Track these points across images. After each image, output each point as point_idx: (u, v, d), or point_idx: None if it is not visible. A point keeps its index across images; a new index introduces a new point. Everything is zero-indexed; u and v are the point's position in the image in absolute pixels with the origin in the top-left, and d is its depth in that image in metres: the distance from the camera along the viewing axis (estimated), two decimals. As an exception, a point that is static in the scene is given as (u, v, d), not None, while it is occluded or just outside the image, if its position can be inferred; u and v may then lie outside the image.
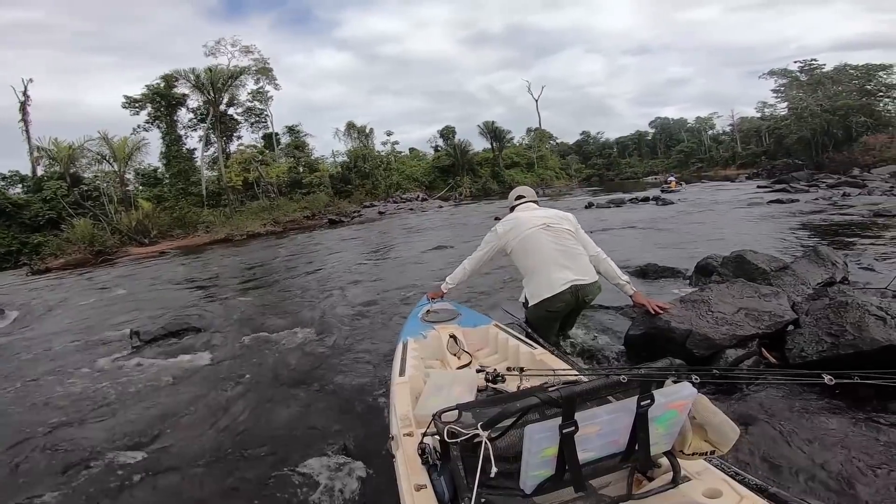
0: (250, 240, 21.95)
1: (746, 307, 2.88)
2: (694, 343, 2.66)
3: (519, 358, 2.44)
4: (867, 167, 25.46)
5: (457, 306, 3.32)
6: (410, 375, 2.22)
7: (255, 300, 7.15)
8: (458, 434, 1.27)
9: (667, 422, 1.25)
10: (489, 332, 2.88)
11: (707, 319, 2.79)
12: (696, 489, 1.30)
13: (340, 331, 4.73)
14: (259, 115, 38.32)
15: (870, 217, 9.13)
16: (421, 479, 1.41)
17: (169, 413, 3.27)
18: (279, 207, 29.34)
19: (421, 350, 2.64)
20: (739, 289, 3.12)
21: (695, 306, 2.90)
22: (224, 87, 33.23)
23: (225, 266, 12.93)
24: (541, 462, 1.17)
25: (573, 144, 65.97)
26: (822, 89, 35.27)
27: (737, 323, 2.77)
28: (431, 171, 43.01)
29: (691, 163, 54.26)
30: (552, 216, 3.12)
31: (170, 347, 4.85)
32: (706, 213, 12.74)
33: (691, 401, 1.25)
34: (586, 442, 1.19)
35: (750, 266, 3.92)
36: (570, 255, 2.96)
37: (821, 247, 4.46)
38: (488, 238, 3.23)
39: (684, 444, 1.29)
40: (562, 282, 2.87)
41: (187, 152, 34.50)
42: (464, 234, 13.49)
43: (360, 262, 9.95)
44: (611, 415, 1.20)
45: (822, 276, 4.04)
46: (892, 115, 33.62)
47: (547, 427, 1.14)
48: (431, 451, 1.42)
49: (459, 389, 1.98)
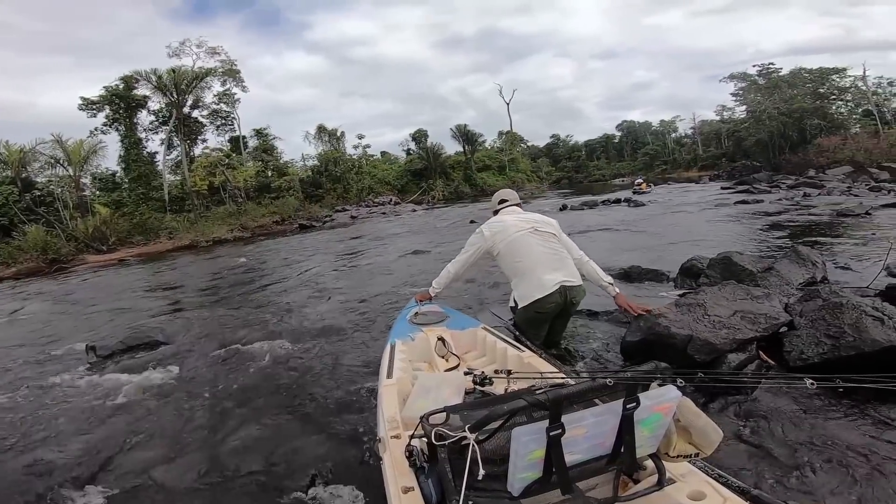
0: (216, 246, 21.17)
1: (742, 310, 2.82)
2: (695, 348, 2.57)
3: (506, 360, 2.44)
4: (822, 168, 26.62)
5: (445, 309, 3.31)
6: (398, 377, 2.22)
7: (224, 310, 6.75)
8: (446, 436, 1.28)
9: (652, 424, 1.27)
10: (477, 334, 2.88)
11: (704, 323, 2.70)
12: (681, 491, 1.32)
13: (318, 341, 4.47)
14: (225, 117, 37.18)
15: (834, 217, 9.44)
16: (408, 481, 1.41)
17: (129, 438, 2.97)
18: (247, 212, 28.47)
19: (409, 352, 2.63)
20: (731, 291, 3.06)
21: (690, 310, 2.82)
22: (188, 88, 32.10)
23: (190, 274, 12.35)
24: (528, 464, 1.18)
25: (543, 147, 66.93)
26: (778, 92, 36.75)
27: (734, 326, 2.69)
28: (404, 175, 42.71)
29: (656, 165, 55.70)
30: (538, 220, 3.16)
31: (130, 363, 4.48)
32: (678, 215, 12.98)
33: (676, 403, 1.26)
34: (573, 444, 1.20)
35: (737, 267, 3.90)
36: (558, 257, 3.01)
37: (800, 247, 4.50)
38: (473, 240, 3.21)
39: (669, 447, 1.31)
40: (552, 283, 2.89)
41: (148, 156, 33.14)
42: (441, 237, 13.27)
43: (335, 269, 9.61)
44: (597, 417, 1.22)
45: (804, 276, 4.06)
46: (843, 118, 35.31)
47: (534, 429, 1.14)
48: (419, 454, 1.42)
49: (447, 392, 1.99)
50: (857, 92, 35.66)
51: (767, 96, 37.09)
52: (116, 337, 5.22)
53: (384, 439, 1.69)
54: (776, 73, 38.90)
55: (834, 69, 35.86)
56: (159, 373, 4.08)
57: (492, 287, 5.81)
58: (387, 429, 1.76)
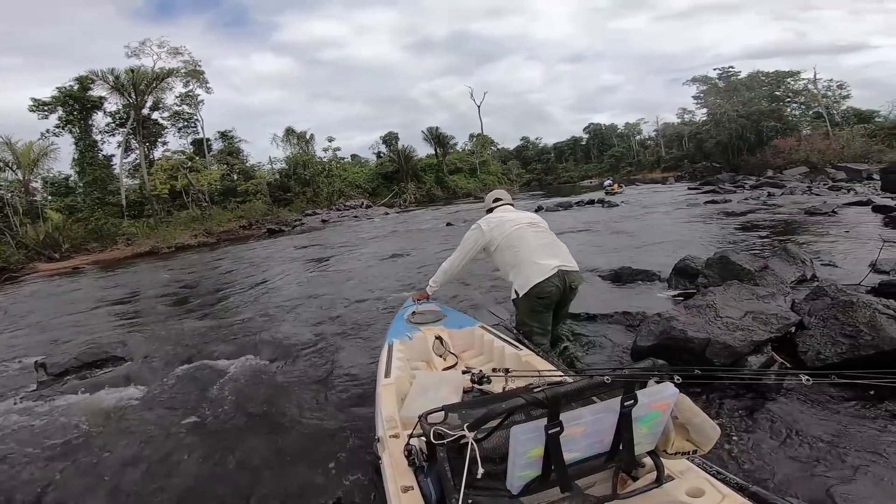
0: (179, 252, 20.25)
1: (752, 310, 2.71)
2: (714, 352, 2.44)
3: (504, 359, 2.44)
4: (779, 168, 27.73)
5: (442, 307, 3.32)
6: (396, 377, 2.21)
7: (191, 322, 6.28)
8: (445, 435, 1.27)
9: (650, 422, 1.27)
10: (475, 333, 2.88)
11: (718, 326, 2.58)
12: (680, 488, 1.31)
13: (296, 355, 4.14)
14: (188, 119, 35.99)
15: (803, 215, 9.70)
16: (407, 480, 1.41)
17: (82, 467, 2.62)
18: (212, 217, 27.49)
19: (406, 351, 2.63)
20: (737, 291, 2.96)
21: (701, 312, 2.69)
22: (148, 89, 30.74)
23: (151, 282, 11.64)
24: (527, 462, 1.17)
25: (513, 150, 67.41)
26: (737, 95, 38.15)
27: (748, 328, 2.57)
28: (375, 178, 42.15)
29: (622, 167, 56.85)
30: (533, 217, 3.23)
31: (85, 382, 4.05)
32: (653, 215, 13.14)
33: (673, 401, 1.26)
34: (572, 442, 1.20)
35: (735, 267, 3.83)
36: (554, 245, 3.08)
37: (789, 245, 4.49)
38: (471, 235, 3.22)
39: (667, 444, 1.30)
40: (550, 267, 2.90)
41: (104, 159, 31.48)
42: (418, 240, 12.99)
43: (310, 275, 9.17)
44: (595, 415, 1.21)
45: (795, 274, 4.03)
46: (797, 120, 36.89)
47: (533, 428, 1.14)
48: (418, 453, 1.42)
49: (445, 391, 1.97)
50: (809, 95, 37.39)
51: (727, 99, 38.46)
52: (70, 352, 4.75)
53: (383, 439, 1.68)
54: (735, 76, 40.44)
55: (789, 72, 37.61)
56: (118, 393, 3.68)
57: (489, 287, 5.71)
58: (385, 428, 1.74)
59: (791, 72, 37.57)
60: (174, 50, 31.74)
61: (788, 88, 37.60)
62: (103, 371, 4.29)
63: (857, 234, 7.15)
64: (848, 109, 37.96)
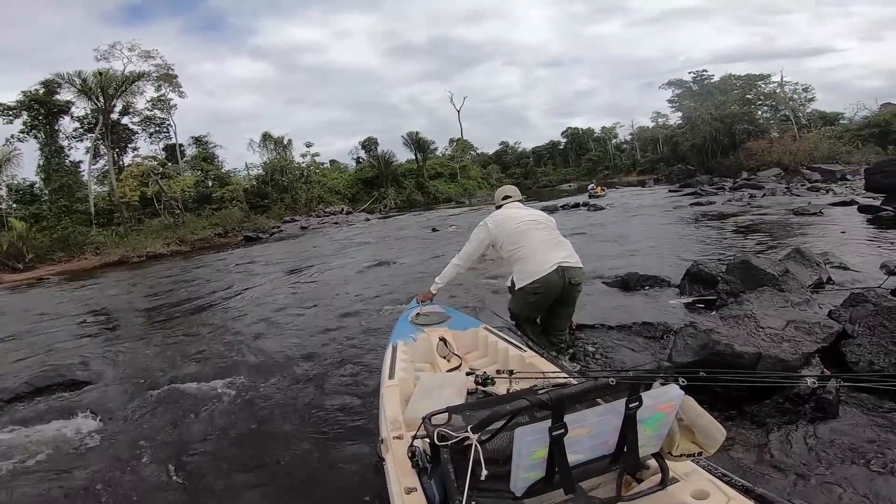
0: (151, 262, 19.47)
1: (793, 319, 2.49)
2: (766, 367, 2.20)
3: (508, 361, 2.42)
4: (753, 170, 28.26)
5: (446, 309, 3.33)
6: (400, 378, 2.21)
7: (162, 339, 5.74)
8: (448, 437, 1.26)
9: (655, 423, 1.25)
10: (479, 334, 2.88)
11: (762, 337, 2.34)
12: (685, 490, 1.30)
13: (281, 377, 3.75)
14: (160, 124, 35.14)
15: (792, 216, 9.69)
16: (411, 482, 1.40)
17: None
18: (185, 225, 26.60)
19: (410, 353, 2.64)
20: (770, 298, 2.75)
21: (740, 322, 2.45)
22: (116, 92, 29.70)
23: (119, 295, 11.00)
24: (531, 464, 1.17)
25: (493, 154, 67.44)
26: (711, 98, 38.91)
27: (793, 338, 2.34)
28: (355, 184, 41.58)
29: (599, 170, 57.43)
30: (539, 215, 3.31)
31: (39, 410, 3.60)
32: (642, 218, 13.02)
33: (678, 402, 1.25)
34: (576, 444, 1.19)
35: (758, 272, 3.60)
36: (557, 241, 3.17)
37: (802, 248, 4.32)
38: (478, 232, 3.30)
39: (672, 446, 1.29)
40: (550, 263, 2.99)
41: (71, 165, 30.45)
42: (402, 248, 12.52)
43: (291, 286, 8.63)
44: (600, 417, 1.21)
45: (812, 278, 3.85)
46: (769, 122, 37.78)
47: (537, 429, 1.13)
48: (421, 454, 1.40)
49: (449, 392, 1.97)
50: (777, 98, 38.43)
51: (701, 102, 39.19)
52: (22, 376, 4.28)
53: (386, 440, 1.68)
54: (709, 79, 41.31)
55: (759, 75, 38.61)
56: (75, 423, 3.25)
57: (492, 289, 5.54)
58: (389, 429, 1.75)
59: (762, 75, 38.68)
60: (146, 53, 31.11)
61: (759, 91, 38.58)
62: (60, 397, 3.85)
63: (853, 234, 7.12)
64: (813, 112, 39.25)
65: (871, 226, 7.98)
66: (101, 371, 4.36)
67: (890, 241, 6.30)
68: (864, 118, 35.89)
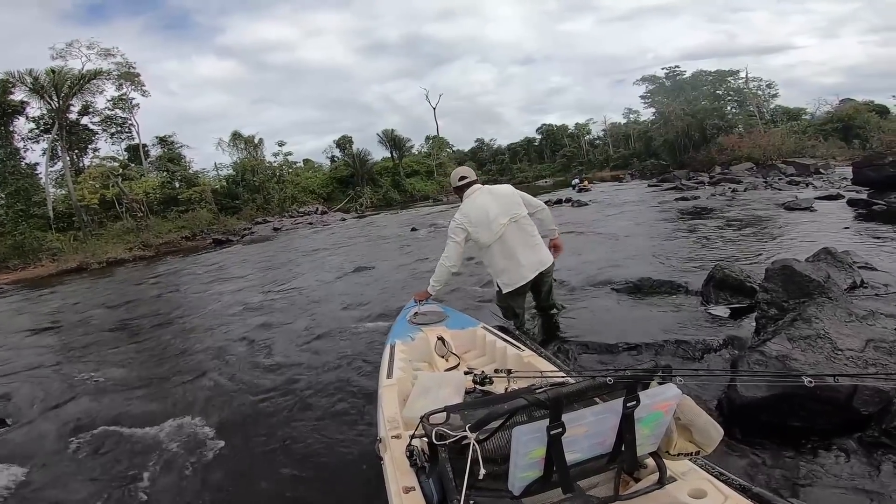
0: (112, 268, 18.36)
1: (871, 338, 2.10)
2: (863, 400, 1.78)
3: (506, 360, 2.43)
4: (725, 164, 28.63)
5: (444, 308, 3.36)
6: (398, 378, 2.22)
7: (111, 363, 4.91)
8: (447, 436, 1.28)
9: (652, 423, 1.25)
10: (476, 334, 2.88)
11: (843, 363, 1.89)
12: (682, 489, 1.29)
13: (251, 418, 3.17)
14: (122, 124, 33.67)
15: (782, 211, 9.50)
16: (409, 481, 1.40)
17: None
18: (149, 228, 25.35)
19: (408, 352, 2.65)
20: (833, 312, 2.32)
21: (814, 345, 2.04)
22: (72, 91, 28.12)
23: (71, 306, 10.07)
24: (529, 463, 1.16)
25: (468, 151, 67.17)
26: (683, 94, 39.40)
27: (878, 362, 1.98)
28: (329, 183, 40.61)
29: (573, 166, 57.65)
30: (509, 205, 3.34)
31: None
32: (629, 214, 12.69)
33: (676, 402, 1.24)
34: (574, 443, 1.18)
35: (801, 278, 3.19)
36: (533, 244, 3.38)
37: (831, 248, 3.96)
38: (459, 235, 3.34)
39: (670, 445, 1.28)
40: (530, 270, 3.32)
41: (28, 167, 28.81)
42: (382, 250, 11.74)
43: (263, 295, 7.76)
44: (597, 416, 1.20)
45: (846, 281, 3.50)
46: (738, 118, 38.43)
47: (534, 429, 1.13)
48: (419, 454, 1.41)
49: (447, 391, 1.96)
50: (743, 94, 39.21)
51: (674, 98, 39.63)
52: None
53: (385, 439, 1.67)
54: (681, 75, 41.86)
55: (729, 71, 39.29)
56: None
57: (490, 289, 5.05)
58: (387, 429, 1.74)
59: (731, 71, 39.37)
60: (105, 51, 29.91)
61: (729, 87, 39.29)
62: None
63: (857, 230, 6.90)
64: (777, 108, 40.21)
65: (869, 221, 7.74)
66: (25, 406, 3.72)
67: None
68: (827, 113, 36.94)
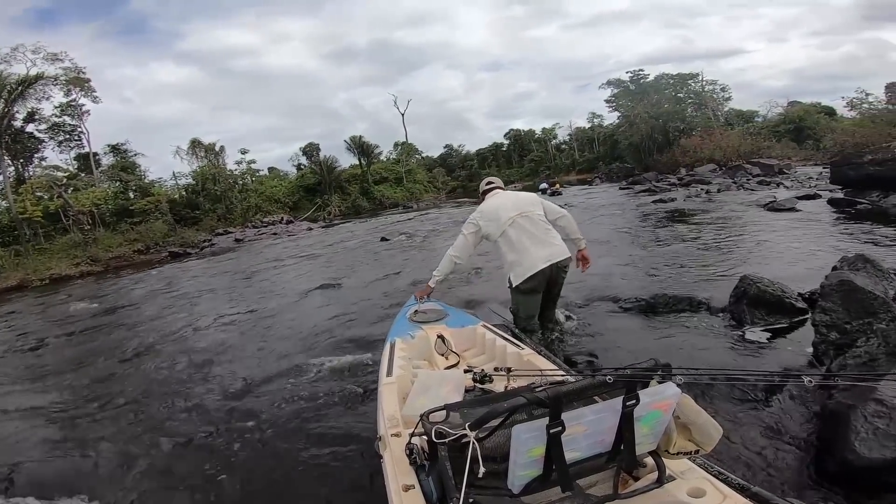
0: (56, 285, 16.96)
1: None
2: None
3: (506, 358, 2.43)
4: (689, 166, 29.24)
5: (444, 306, 3.36)
6: (398, 376, 2.22)
7: (42, 405, 4.14)
8: (446, 434, 1.27)
9: (651, 421, 1.25)
10: (476, 332, 2.87)
11: None
12: (681, 488, 1.30)
13: (210, 466, 2.62)
14: (70, 132, 31.72)
15: (765, 212, 9.33)
16: (409, 479, 1.41)
17: None
18: (97, 241, 23.78)
19: (408, 350, 2.64)
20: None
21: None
22: (11, 96, 26.20)
23: (7, 331, 8.94)
24: (528, 462, 1.17)
25: (437, 157, 66.92)
26: (647, 97, 40.26)
27: None
28: (296, 191, 39.46)
29: (540, 171, 58.26)
30: (524, 204, 3.45)
31: None
32: (609, 218, 12.33)
33: (675, 401, 1.24)
34: (573, 442, 1.19)
35: (865, 295, 2.75)
36: (546, 236, 3.37)
37: (867, 255, 3.58)
38: (469, 228, 3.44)
39: (669, 444, 1.28)
40: (541, 261, 3.27)
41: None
42: (350, 262, 10.75)
43: (221, 318, 6.74)
44: (597, 415, 1.20)
45: (888, 292, 3.11)
46: (696, 120, 39.50)
47: (534, 427, 1.14)
48: (419, 452, 1.40)
49: (447, 390, 1.96)
50: (701, 96, 40.43)
51: (638, 101, 40.46)
52: None
53: (384, 437, 1.68)
54: (645, 79, 42.82)
55: (689, 74, 40.49)
56: None
57: (491, 286, 5.34)
58: (387, 427, 1.75)
59: (691, 74, 40.59)
60: (52, 56, 27.88)
61: (690, 90, 40.41)
62: None
63: (853, 231, 6.69)
64: (731, 110, 41.69)
65: (860, 221, 7.53)
66: None
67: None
68: (779, 115, 38.46)
